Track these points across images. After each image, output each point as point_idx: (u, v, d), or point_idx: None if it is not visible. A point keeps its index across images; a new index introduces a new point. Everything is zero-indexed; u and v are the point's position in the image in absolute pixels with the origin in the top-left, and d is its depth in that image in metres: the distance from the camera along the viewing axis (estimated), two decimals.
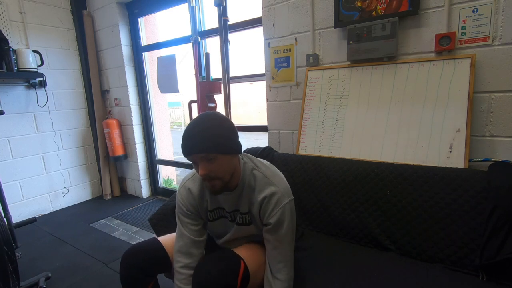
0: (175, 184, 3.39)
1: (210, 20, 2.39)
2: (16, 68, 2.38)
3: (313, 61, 1.73)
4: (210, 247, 1.17)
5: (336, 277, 1.08)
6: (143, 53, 2.94)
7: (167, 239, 1.16)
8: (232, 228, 1.07)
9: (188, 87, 3.04)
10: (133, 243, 2.11)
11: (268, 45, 1.92)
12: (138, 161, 3.08)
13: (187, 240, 1.04)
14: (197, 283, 0.92)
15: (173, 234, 1.14)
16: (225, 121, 0.93)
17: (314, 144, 1.69)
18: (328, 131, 1.65)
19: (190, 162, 0.93)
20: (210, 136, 0.87)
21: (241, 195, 1.01)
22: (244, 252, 1.03)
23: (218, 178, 0.92)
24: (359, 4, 1.52)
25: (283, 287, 0.96)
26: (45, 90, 2.71)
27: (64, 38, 2.87)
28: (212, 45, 2.41)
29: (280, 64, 1.89)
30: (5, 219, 1.76)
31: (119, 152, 3.04)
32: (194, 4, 2.25)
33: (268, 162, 1.10)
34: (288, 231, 0.96)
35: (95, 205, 2.99)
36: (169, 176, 3.40)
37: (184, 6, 2.36)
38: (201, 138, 0.87)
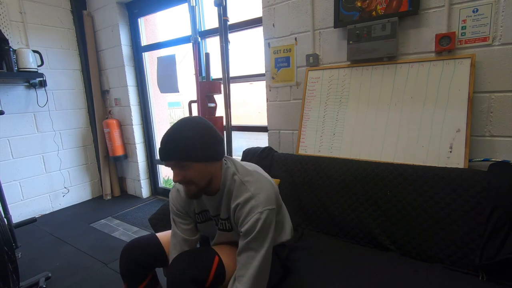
0: None
1: (210, 20, 2.39)
2: (16, 68, 2.38)
3: (313, 61, 1.73)
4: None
5: (336, 277, 1.08)
6: (143, 53, 2.94)
7: (164, 235, 1.17)
8: (216, 232, 1.07)
9: (188, 87, 3.03)
10: None
11: (268, 45, 1.92)
12: (138, 161, 3.08)
13: (180, 239, 1.06)
14: (169, 277, 0.93)
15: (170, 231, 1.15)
16: (203, 127, 0.89)
17: (314, 144, 1.69)
18: (328, 131, 1.65)
19: None
20: (182, 144, 0.85)
21: (221, 200, 0.98)
22: (223, 249, 1.02)
23: (193, 184, 0.90)
24: (359, 4, 1.52)
25: None
26: (45, 90, 2.71)
27: (64, 38, 2.87)
28: (212, 45, 2.41)
29: (280, 64, 1.88)
30: (5, 219, 1.75)
31: (119, 152, 3.04)
32: (194, 4, 2.25)
33: (256, 167, 1.05)
34: (256, 238, 0.87)
35: (95, 205, 2.99)
36: (169, 176, 3.40)
37: (184, 6, 2.36)
38: (173, 145, 0.85)
